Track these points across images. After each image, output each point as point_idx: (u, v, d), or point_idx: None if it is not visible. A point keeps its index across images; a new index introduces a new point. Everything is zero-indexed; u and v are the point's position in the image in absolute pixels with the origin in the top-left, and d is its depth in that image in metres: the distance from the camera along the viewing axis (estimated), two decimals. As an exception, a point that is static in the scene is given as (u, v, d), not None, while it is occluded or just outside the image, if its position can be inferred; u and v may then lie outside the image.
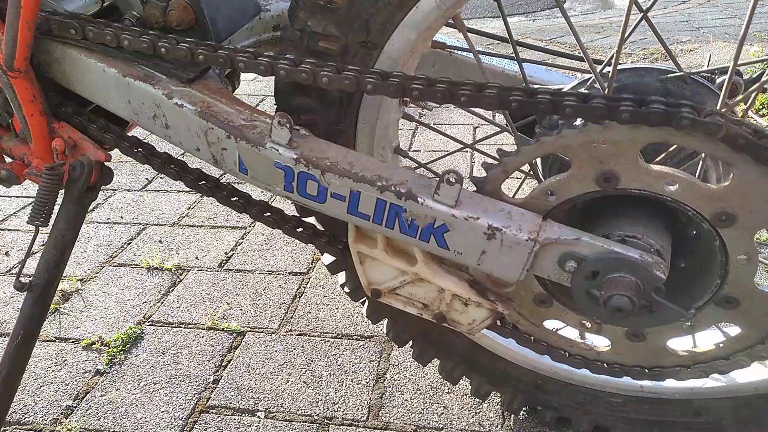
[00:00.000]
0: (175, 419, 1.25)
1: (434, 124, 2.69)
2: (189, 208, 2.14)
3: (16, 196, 2.27)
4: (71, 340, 1.49)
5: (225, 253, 1.86)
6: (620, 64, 0.91)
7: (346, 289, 1.13)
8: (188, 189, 2.17)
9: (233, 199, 0.97)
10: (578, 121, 0.81)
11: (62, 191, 1.00)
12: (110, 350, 1.44)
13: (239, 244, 1.90)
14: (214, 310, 1.58)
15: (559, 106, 0.68)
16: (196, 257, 1.84)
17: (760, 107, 2.61)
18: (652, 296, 0.74)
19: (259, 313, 1.56)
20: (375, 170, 0.79)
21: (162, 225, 2.04)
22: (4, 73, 0.87)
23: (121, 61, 0.88)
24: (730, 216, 0.70)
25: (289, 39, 0.86)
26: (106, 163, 1.01)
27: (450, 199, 0.75)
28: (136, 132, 1.06)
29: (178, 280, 1.73)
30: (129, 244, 1.93)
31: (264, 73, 0.79)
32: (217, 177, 1.00)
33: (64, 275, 1.76)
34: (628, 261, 0.73)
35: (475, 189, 0.80)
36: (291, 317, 1.54)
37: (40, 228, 0.98)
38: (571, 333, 0.98)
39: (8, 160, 1.06)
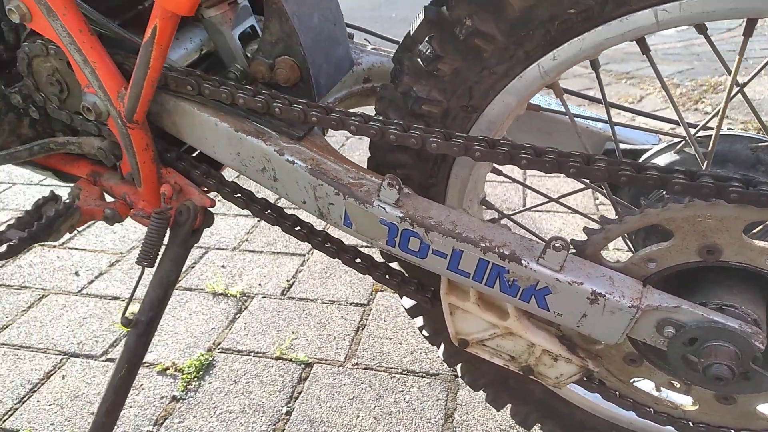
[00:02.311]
0: (249, 449, 1.30)
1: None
2: (247, 233, 2.20)
3: (83, 216, 2.35)
4: (146, 365, 1.55)
5: (287, 280, 1.91)
6: (710, 129, 0.93)
7: (425, 333, 1.16)
8: (245, 213, 2.24)
9: (327, 245, 1.02)
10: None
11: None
12: (184, 376, 1.50)
13: (299, 272, 1.95)
14: (281, 340, 1.62)
15: (668, 183, 0.71)
16: (259, 284, 1.89)
17: None
18: (750, 365, 0.76)
19: (325, 345, 1.60)
20: (478, 231, 0.82)
21: (223, 249, 2.10)
22: (124, 125, 0.93)
23: (233, 117, 0.93)
24: (834, 293, 0.71)
25: (389, 99, 0.91)
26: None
27: (555, 264, 0.78)
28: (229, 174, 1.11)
29: (244, 306, 1.78)
30: (193, 267, 2.00)
31: (374, 136, 0.84)
32: (318, 227, 1.04)
33: (134, 297, 1.84)
34: (727, 330, 0.75)
35: (573, 251, 0.83)
36: (356, 350, 1.58)
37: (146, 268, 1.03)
38: (649, 387, 0.99)
39: (108, 198, 1.13)
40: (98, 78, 0.89)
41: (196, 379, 1.49)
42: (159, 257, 1.04)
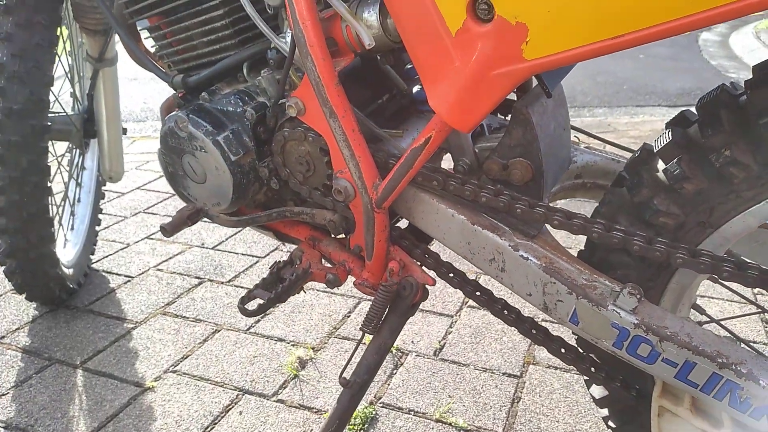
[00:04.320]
0: None
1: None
2: (395, 287, 2.30)
3: (242, 254, 2.55)
4: (314, 410, 1.66)
5: (438, 341, 1.98)
6: None
7: (611, 425, 1.18)
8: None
9: (534, 332, 1.08)
10: None
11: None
12: (351, 427, 1.59)
13: (449, 333, 2.02)
14: (438, 402, 1.68)
15: None
16: (412, 341, 1.97)
17: None
18: None
19: (481, 413, 1.65)
20: (714, 345, 0.86)
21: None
22: (372, 210, 1.04)
23: (469, 210, 1.03)
24: None
25: (618, 205, 0.97)
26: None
27: (798, 390, 0.80)
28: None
29: (399, 362, 1.86)
30: (348, 317, 2.11)
31: (617, 245, 0.90)
32: (528, 313, 1.11)
33: (298, 342, 1.98)
34: None
35: (809, 376, 0.84)
36: (513, 422, 1.61)
37: (366, 333, 1.14)
38: None
39: (324, 262, 1.25)
40: (360, 170, 1.01)
41: (362, 430, 1.58)
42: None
